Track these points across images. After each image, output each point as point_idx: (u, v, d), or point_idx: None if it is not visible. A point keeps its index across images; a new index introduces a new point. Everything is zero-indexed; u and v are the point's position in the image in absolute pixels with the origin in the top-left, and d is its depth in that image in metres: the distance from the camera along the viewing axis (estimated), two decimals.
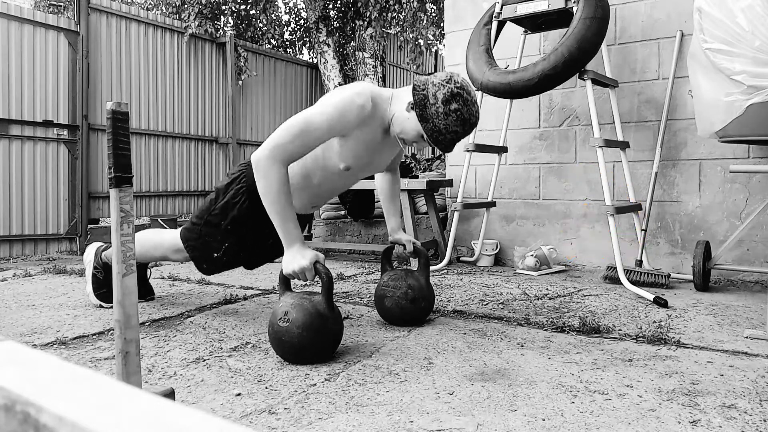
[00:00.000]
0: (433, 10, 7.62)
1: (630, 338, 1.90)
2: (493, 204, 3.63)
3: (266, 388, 1.46)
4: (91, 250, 2.41)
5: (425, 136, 1.77)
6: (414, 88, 1.77)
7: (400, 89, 1.90)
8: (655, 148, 3.22)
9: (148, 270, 2.53)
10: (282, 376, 1.54)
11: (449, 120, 1.73)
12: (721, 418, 1.24)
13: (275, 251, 2.18)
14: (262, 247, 2.13)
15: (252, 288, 2.84)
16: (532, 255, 3.31)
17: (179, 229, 2.16)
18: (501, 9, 3.24)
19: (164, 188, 5.58)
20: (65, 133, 4.63)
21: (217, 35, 6.14)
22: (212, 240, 2.04)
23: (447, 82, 1.74)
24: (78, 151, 4.69)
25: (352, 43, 7.62)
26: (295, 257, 1.69)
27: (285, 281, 1.74)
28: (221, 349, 1.80)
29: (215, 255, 2.05)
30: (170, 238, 2.16)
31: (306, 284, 2.89)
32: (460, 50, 3.91)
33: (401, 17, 7.28)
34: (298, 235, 1.73)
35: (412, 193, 3.67)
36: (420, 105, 1.74)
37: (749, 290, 2.78)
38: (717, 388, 1.43)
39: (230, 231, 2.02)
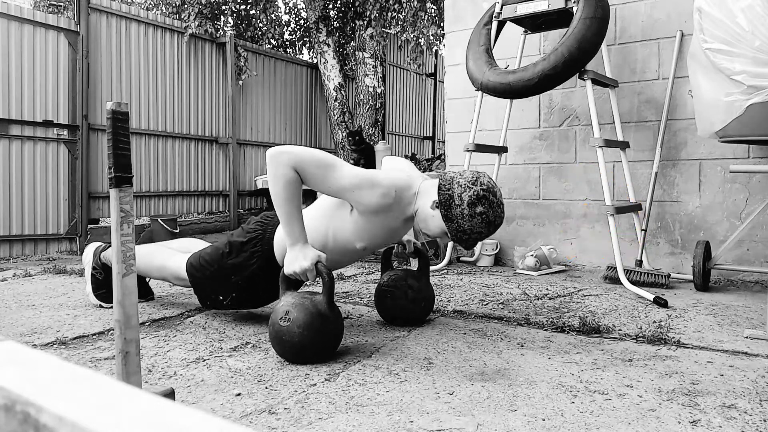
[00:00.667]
0: (433, 10, 7.62)
1: (630, 338, 1.90)
2: None
3: (266, 388, 1.46)
4: (89, 250, 2.41)
5: (449, 234, 1.79)
6: (439, 188, 1.78)
7: (427, 183, 1.89)
8: (655, 148, 3.22)
9: None
10: (282, 376, 1.54)
11: (474, 222, 1.74)
12: (721, 418, 1.24)
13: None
14: (270, 296, 2.12)
15: None
16: (532, 255, 3.31)
17: (186, 260, 2.12)
18: (501, 9, 3.24)
19: (164, 188, 5.58)
20: (65, 133, 4.63)
21: (217, 35, 6.14)
22: (219, 286, 2.03)
23: (473, 184, 1.75)
24: (78, 151, 4.69)
25: (352, 43, 7.63)
26: (297, 257, 1.69)
27: (286, 281, 1.74)
28: (221, 349, 1.80)
29: (220, 298, 2.05)
30: (175, 266, 2.14)
31: (307, 284, 2.89)
32: (460, 50, 3.91)
33: (401, 17, 7.29)
34: (302, 235, 1.72)
35: None
36: (445, 205, 1.75)
37: (749, 290, 2.78)
38: (717, 388, 1.43)
39: (240, 286, 2.01)
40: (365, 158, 4.19)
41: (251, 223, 2.06)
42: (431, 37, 7.51)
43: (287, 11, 9.25)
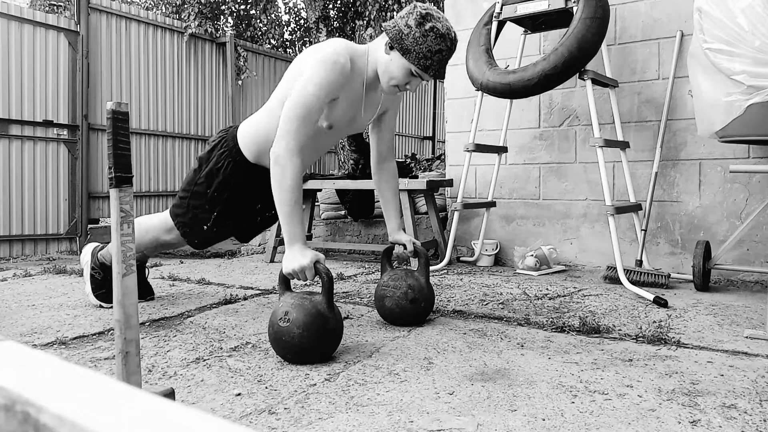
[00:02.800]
0: None
1: (630, 338, 1.90)
2: (493, 204, 3.63)
3: (266, 388, 1.46)
4: (87, 250, 2.41)
5: (413, 68, 1.80)
6: (385, 30, 1.82)
7: (373, 41, 1.93)
8: (655, 148, 3.22)
9: (146, 269, 2.53)
10: (282, 376, 1.54)
11: (429, 40, 1.76)
12: (721, 418, 1.24)
13: (265, 220, 2.19)
14: (251, 211, 2.14)
15: (252, 288, 2.84)
16: (532, 255, 3.31)
17: (168, 209, 2.18)
18: (501, 9, 3.24)
19: (164, 188, 5.58)
20: (65, 133, 4.63)
21: (217, 35, 6.14)
22: (200, 211, 2.06)
23: (412, 9, 1.79)
24: (78, 151, 4.69)
25: None
26: (296, 256, 1.69)
27: (285, 281, 1.74)
28: (221, 349, 1.80)
29: (205, 227, 2.07)
30: (160, 218, 2.19)
31: (306, 284, 2.89)
32: (460, 50, 3.91)
33: None
34: (301, 235, 1.73)
35: (412, 193, 3.67)
36: (397, 40, 1.78)
37: (749, 290, 2.78)
38: (717, 388, 1.43)
39: (217, 198, 2.04)
40: (365, 158, 4.20)
41: (213, 135, 2.12)
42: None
43: (287, 11, 9.25)
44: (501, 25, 3.30)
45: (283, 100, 1.93)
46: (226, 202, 2.05)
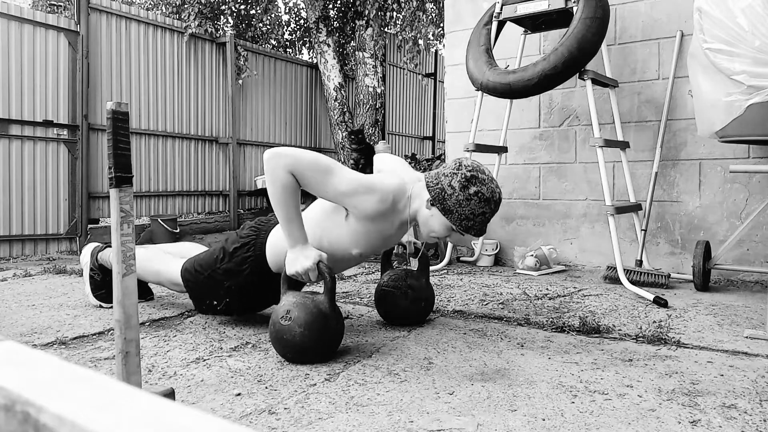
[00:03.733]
0: (432, 10, 7.62)
1: (630, 338, 1.90)
2: None
3: (266, 388, 1.46)
4: (86, 251, 2.41)
5: (454, 227, 1.76)
6: (428, 186, 1.76)
7: (417, 185, 1.85)
8: (655, 148, 3.22)
9: None
10: (282, 376, 1.54)
11: (472, 204, 1.72)
12: (721, 418, 1.24)
13: (272, 304, 2.15)
14: (263, 302, 2.12)
15: None
16: (532, 255, 3.31)
17: (181, 266, 2.11)
18: (501, 9, 3.24)
19: (164, 188, 5.58)
20: (65, 133, 4.63)
21: (217, 35, 6.14)
22: (212, 292, 2.02)
23: (458, 169, 1.74)
24: (78, 151, 4.69)
25: (352, 43, 7.63)
26: (298, 257, 1.69)
27: (287, 280, 1.74)
28: (221, 349, 1.80)
29: (214, 303, 2.04)
30: (172, 271, 2.14)
31: (308, 285, 2.88)
32: (460, 50, 3.91)
33: (401, 16, 7.29)
34: (302, 236, 1.72)
35: None
36: (439, 199, 1.74)
37: (749, 290, 2.78)
38: (717, 388, 1.43)
39: (232, 291, 1.99)
40: (365, 158, 4.19)
41: (245, 228, 2.04)
42: (430, 37, 7.51)
43: (287, 11, 9.25)
44: (501, 25, 3.30)
45: (317, 220, 1.87)
46: (240, 296, 2.02)
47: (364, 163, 4.32)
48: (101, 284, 2.36)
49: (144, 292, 2.49)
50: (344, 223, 1.81)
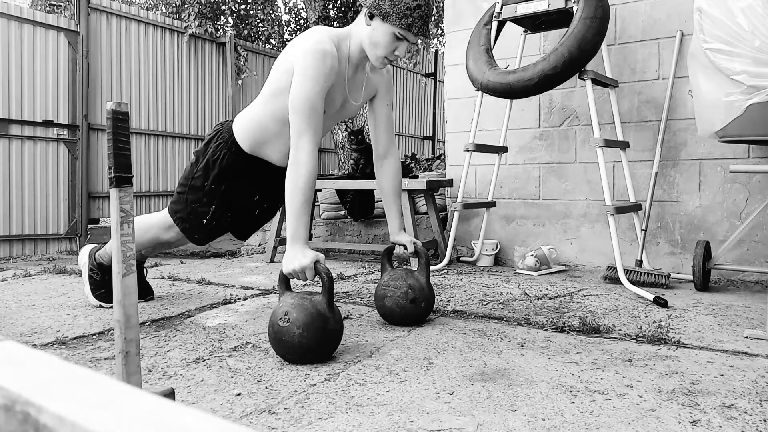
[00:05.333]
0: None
1: (630, 338, 1.90)
2: (493, 204, 3.63)
3: (266, 388, 1.46)
4: (84, 252, 2.41)
5: (397, 31, 1.82)
6: (362, 2, 1.87)
7: (353, 22, 1.97)
8: (655, 148, 3.22)
9: (144, 269, 2.52)
10: (282, 376, 1.54)
11: None
12: (721, 418, 1.24)
13: (263, 212, 2.20)
14: (249, 204, 2.15)
15: (252, 288, 2.84)
16: (532, 255, 3.31)
17: (167, 207, 2.19)
18: (501, 9, 3.24)
19: (164, 188, 5.57)
20: (65, 133, 4.63)
21: (217, 35, 6.14)
22: (198, 205, 2.06)
23: None
24: (78, 151, 4.69)
25: None
26: (296, 256, 1.69)
27: (285, 281, 1.74)
28: (221, 349, 1.80)
29: (204, 221, 2.08)
30: (159, 216, 2.19)
31: (306, 284, 2.89)
32: (460, 50, 3.91)
33: None
34: (304, 236, 1.74)
35: (412, 193, 3.67)
36: (374, 6, 1.82)
37: (749, 290, 2.78)
38: (717, 388, 1.43)
39: (214, 190, 2.04)
40: (365, 158, 4.19)
41: (209, 131, 2.15)
42: (430, 37, 7.50)
43: (287, 11, 9.25)
44: (501, 25, 3.30)
45: (275, 92, 1.97)
46: (223, 193, 2.06)
47: (364, 163, 4.32)
48: (101, 284, 2.36)
49: (144, 292, 2.49)
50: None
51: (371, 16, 1.84)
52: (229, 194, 2.07)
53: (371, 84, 2.10)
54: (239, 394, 1.41)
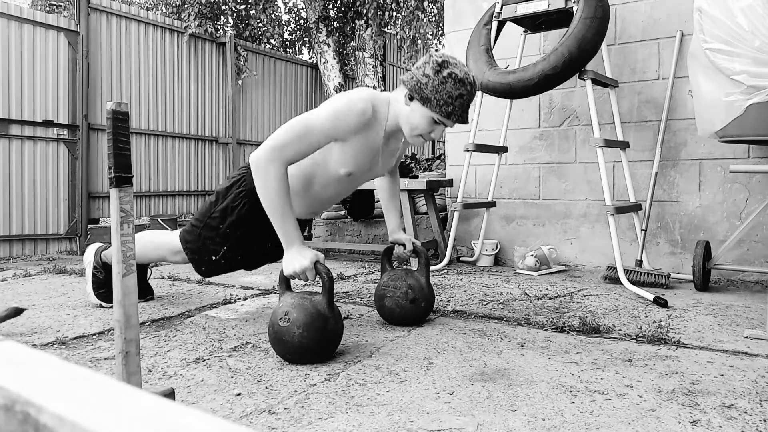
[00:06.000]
0: (431, 10, 7.62)
1: (630, 338, 1.90)
2: (493, 204, 3.63)
3: (266, 388, 1.46)
4: (90, 250, 2.42)
5: (435, 116, 1.76)
6: (403, 82, 1.80)
7: (394, 92, 1.91)
8: (655, 148, 3.22)
9: (149, 270, 2.53)
10: (282, 376, 1.54)
11: (448, 86, 1.73)
12: (721, 418, 1.24)
13: (275, 254, 2.17)
14: (262, 251, 2.12)
15: (252, 288, 2.84)
16: (532, 255, 3.31)
17: (179, 231, 2.15)
18: (501, 9, 3.24)
19: (164, 188, 5.58)
20: (65, 133, 4.63)
21: (217, 35, 6.14)
22: (211, 243, 2.03)
23: (428, 59, 1.77)
24: (78, 151, 4.69)
25: (352, 43, 7.63)
26: (295, 257, 1.69)
27: (285, 281, 1.74)
28: (221, 349, 1.80)
29: (213, 258, 2.04)
30: (170, 240, 2.16)
31: (306, 284, 2.89)
32: (460, 50, 3.91)
33: (400, 16, 7.29)
34: (298, 236, 1.73)
35: (412, 193, 3.67)
36: (416, 90, 1.75)
37: (749, 290, 2.78)
38: (717, 388, 1.43)
39: (229, 235, 2.00)
40: None
41: (234, 171, 2.07)
42: (429, 37, 7.51)
43: (287, 11, 9.25)
44: (501, 25, 3.30)
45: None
46: (237, 239, 2.02)
47: None
48: (103, 283, 2.36)
49: (144, 292, 2.49)
50: (331, 144, 1.82)
51: (411, 98, 1.78)
52: (244, 240, 2.03)
53: (402, 149, 2.07)
54: (239, 394, 1.41)
